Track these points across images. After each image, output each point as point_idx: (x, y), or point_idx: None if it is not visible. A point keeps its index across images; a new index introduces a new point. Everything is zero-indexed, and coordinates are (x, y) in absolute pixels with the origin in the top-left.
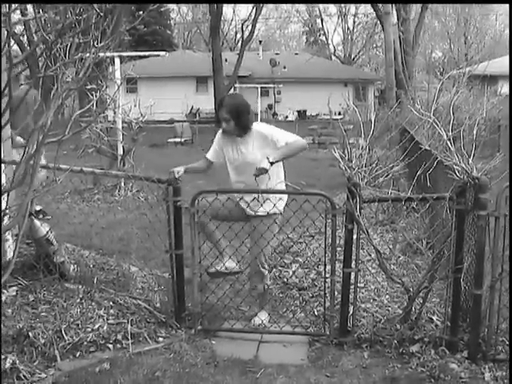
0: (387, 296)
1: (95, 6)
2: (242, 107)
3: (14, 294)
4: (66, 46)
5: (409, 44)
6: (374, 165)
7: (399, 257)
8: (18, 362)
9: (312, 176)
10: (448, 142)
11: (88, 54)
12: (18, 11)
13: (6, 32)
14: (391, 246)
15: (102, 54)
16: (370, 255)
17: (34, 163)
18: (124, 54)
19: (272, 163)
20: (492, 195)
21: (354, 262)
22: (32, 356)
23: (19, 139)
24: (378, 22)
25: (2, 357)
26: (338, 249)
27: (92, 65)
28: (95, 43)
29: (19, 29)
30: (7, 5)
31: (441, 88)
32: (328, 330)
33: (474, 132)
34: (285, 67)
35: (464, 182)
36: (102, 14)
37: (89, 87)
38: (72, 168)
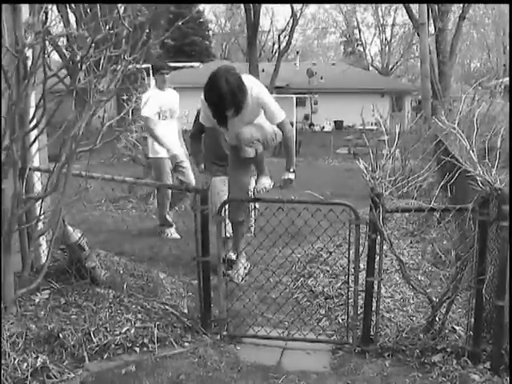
0: (412, 306)
1: (125, 22)
2: (238, 89)
3: (47, 296)
4: (99, 59)
5: (446, 54)
6: (397, 175)
7: (428, 267)
8: (48, 361)
9: (346, 186)
10: (471, 153)
11: (119, 66)
12: (61, 24)
13: (40, 46)
14: (420, 257)
15: (135, 66)
16: (394, 266)
17: (66, 172)
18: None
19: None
20: None
21: (376, 272)
22: (62, 356)
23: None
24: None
25: (34, 355)
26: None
27: (123, 76)
28: (126, 56)
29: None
30: (44, 18)
31: (473, 98)
32: (351, 338)
33: (498, 142)
34: (322, 77)
35: (487, 193)
36: (130, 29)
37: (125, 97)
38: (103, 176)
